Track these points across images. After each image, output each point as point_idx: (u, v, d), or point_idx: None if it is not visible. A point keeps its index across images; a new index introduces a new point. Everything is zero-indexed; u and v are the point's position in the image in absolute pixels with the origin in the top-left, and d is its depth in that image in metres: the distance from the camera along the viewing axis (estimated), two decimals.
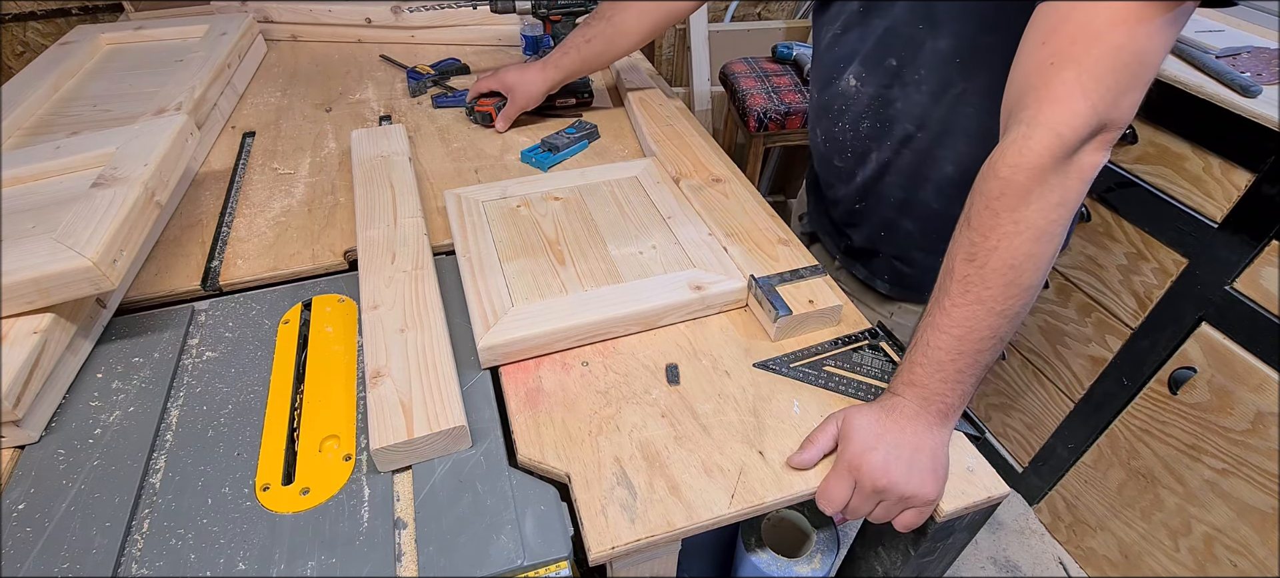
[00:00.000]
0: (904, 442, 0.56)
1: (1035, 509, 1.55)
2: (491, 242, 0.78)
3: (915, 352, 0.58)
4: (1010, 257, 0.53)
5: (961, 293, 0.55)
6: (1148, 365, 1.19)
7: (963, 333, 0.55)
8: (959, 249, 0.55)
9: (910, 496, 0.55)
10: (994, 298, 0.54)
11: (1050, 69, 0.50)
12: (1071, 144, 0.50)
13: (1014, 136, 0.52)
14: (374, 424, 0.56)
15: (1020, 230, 0.52)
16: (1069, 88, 0.49)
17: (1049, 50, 0.51)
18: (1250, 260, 1.01)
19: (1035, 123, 0.51)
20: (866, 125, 0.82)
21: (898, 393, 0.58)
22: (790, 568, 0.71)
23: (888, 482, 0.54)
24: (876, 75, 0.78)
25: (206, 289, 0.76)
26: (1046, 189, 0.52)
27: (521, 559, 0.51)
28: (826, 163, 0.92)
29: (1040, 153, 0.51)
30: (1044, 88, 0.51)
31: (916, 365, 0.57)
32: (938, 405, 0.56)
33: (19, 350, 0.58)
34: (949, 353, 0.55)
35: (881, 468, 0.54)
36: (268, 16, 1.37)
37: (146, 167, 0.73)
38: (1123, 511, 1.31)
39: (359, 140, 0.96)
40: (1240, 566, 1.12)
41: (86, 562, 0.50)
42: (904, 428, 0.56)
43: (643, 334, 0.71)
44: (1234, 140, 1.00)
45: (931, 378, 0.56)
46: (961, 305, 0.55)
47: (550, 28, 1.14)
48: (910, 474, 0.54)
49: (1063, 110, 0.50)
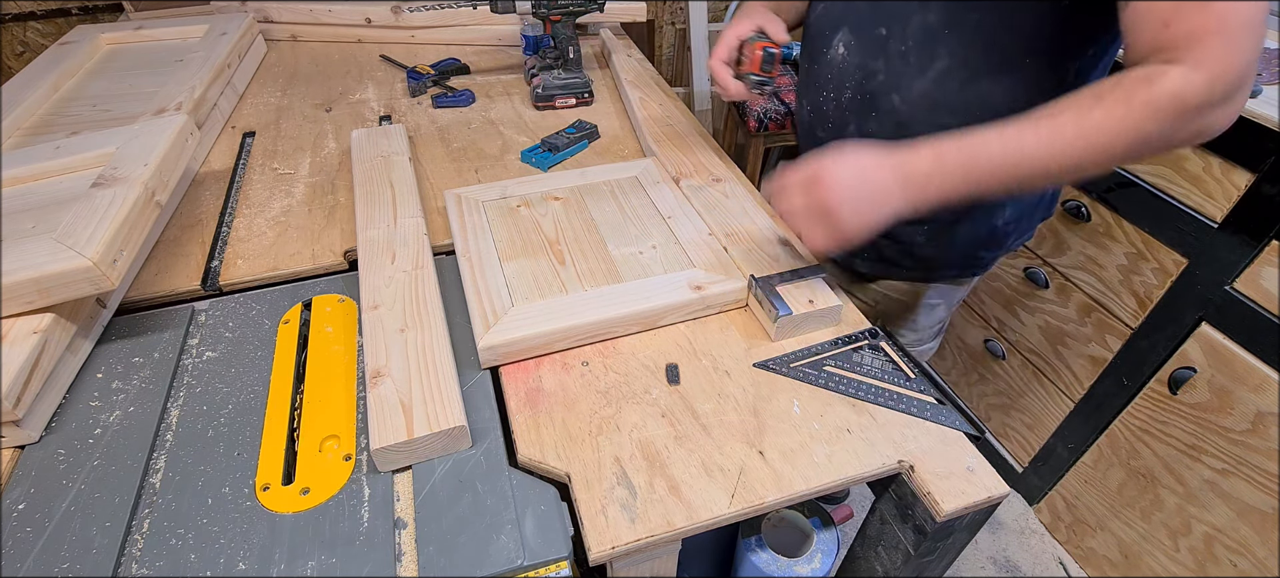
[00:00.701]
0: (872, 180, 0.61)
1: (1035, 509, 1.55)
2: (491, 242, 0.78)
3: (964, 142, 0.60)
4: (1110, 146, 0.56)
5: (1050, 138, 0.57)
6: (1148, 365, 1.19)
7: (1017, 163, 0.58)
8: (1073, 110, 0.57)
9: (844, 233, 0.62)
10: (1060, 160, 0.57)
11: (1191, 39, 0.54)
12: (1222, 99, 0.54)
13: (1178, 72, 0.54)
14: (374, 424, 0.56)
15: (1133, 137, 0.55)
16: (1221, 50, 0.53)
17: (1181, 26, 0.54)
18: (1250, 260, 1.01)
19: (1199, 68, 0.54)
20: (849, 95, 0.82)
21: (919, 150, 0.61)
22: (790, 568, 0.71)
23: (837, 212, 0.61)
24: (865, 44, 0.78)
25: (206, 289, 0.76)
26: (1179, 124, 0.55)
27: (521, 559, 0.51)
28: (810, 135, 0.92)
29: (1199, 93, 0.54)
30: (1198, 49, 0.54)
31: (957, 149, 0.60)
32: (934, 187, 0.61)
33: (19, 350, 0.58)
34: (993, 164, 0.59)
35: (837, 202, 0.61)
36: (268, 16, 1.38)
37: (146, 167, 0.73)
38: (1123, 511, 1.31)
39: (359, 140, 0.96)
40: (1240, 566, 1.12)
41: (86, 562, 0.50)
42: (883, 171, 0.61)
43: (643, 334, 0.71)
44: (1234, 140, 1.00)
45: (955, 170, 0.60)
46: (1037, 146, 0.57)
47: (550, 28, 1.14)
48: (853, 217, 0.61)
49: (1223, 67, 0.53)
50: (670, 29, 2.08)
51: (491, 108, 1.16)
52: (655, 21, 2.04)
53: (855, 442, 0.61)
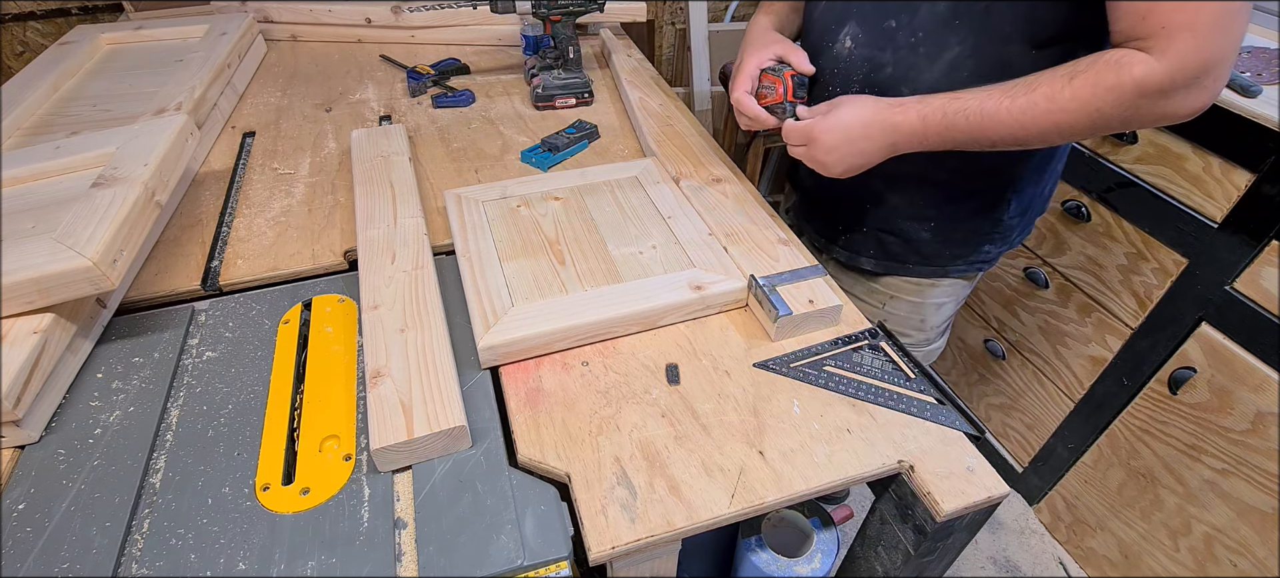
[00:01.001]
0: (860, 136, 0.73)
1: (1035, 509, 1.55)
2: (491, 242, 0.78)
3: (950, 104, 0.68)
4: (1076, 121, 0.63)
5: (1023, 110, 0.64)
6: (1148, 365, 1.19)
7: (990, 127, 0.66)
8: (1046, 87, 0.64)
9: (827, 168, 0.76)
10: (1029, 128, 0.65)
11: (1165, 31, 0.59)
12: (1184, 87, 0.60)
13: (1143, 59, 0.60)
14: (374, 424, 0.56)
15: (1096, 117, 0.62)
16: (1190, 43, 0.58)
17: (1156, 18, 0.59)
18: (1250, 260, 1.01)
19: (1163, 57, 0.59)
20: (856, 89, 0.82)
21: (905, 110, 0.70)
22: (790, 568, 0.71)
23: (825, 158, 0.75)
24: (872, 37, 0.79)
25: (206, 289, 0.76)
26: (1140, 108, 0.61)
27: (521, 559, 0.51)
28: None
29: (1160, 82, 0.59)
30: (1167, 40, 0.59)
31: (940, 111, 0.68)
32: (915, 142, 0.71)
33: (19, 350, 0.58)
34: (970, 126, 0.67)
35: (828, 147, 0.74)
36: (268, 16, 1.38)
37: (146, 167, 0.73)
38: (1123, 511, 1.31)
39: (359, 140, 0.96)
40: (1240, 566, 1.12)
41: (86, 562, 0.50)
42: (872, 128, 0.72)
43: (643, 334, 0.71)
44: (1234, 140, 1.00)
45: (935, 129, 0.69)
46: (1008, 115, 0.65)
47: (550, 28, 1.14)
48: (840, 160, 0.75)
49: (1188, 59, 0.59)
50: (670, 29, 2.08)
51: (491, 108, 1.16)
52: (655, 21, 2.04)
53: (855, 442, 0.61)
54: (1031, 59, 0.72)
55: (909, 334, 1.03)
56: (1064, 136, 0.65)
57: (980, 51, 0.73)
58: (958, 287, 0.97)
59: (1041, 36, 0.71)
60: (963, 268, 0.93)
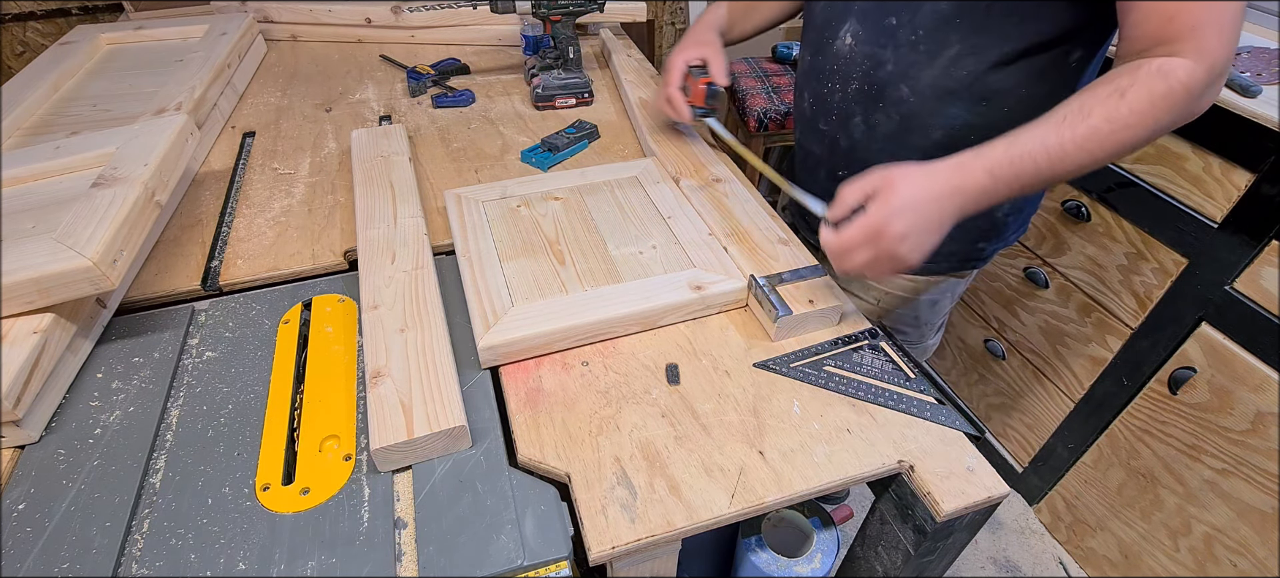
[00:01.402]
0: (934, 219, 0.62)
1: (1035, 509, 1.55)
2: (491, 242, 0.78)
3: (1012, 150, 0.62)
4: (1133, 136, 0.61)
5: (1085, 141, 0.61)
6: (1148, 365, 1.19)
7: (1058, 162, 0.62)
8: (1102, 107, 0.61)
9: (906, 265, 0.62)
10: (1096, 155, 0.62)
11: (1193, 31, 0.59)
12: (1216, 84, 0.61)
13: (1184, 64, 0.60)
14: (374, 424, 0.56)
15: (1156, 126, 0.61)
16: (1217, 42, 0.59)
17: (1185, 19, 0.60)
18: (1250, 260, 1.01)
19: (1201, 60, 0.60)
20: (855, 87, 0.82)
21: (970, 171, 0.63)
22: (790, 568, 0.71)
23: (900, 250, 0.61)
24: (873, 34, 0.79)
25: (206, 289, 0.76)
26: (1188, 107, 0.61)
27: (521, 559, 0.51)
28: (811, 128, 0.93)
29: (1202, 82, 0.60)
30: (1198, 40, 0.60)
31: (1007, 162, 0.62)
32: (985, 201, 0.63)
33: (19, 350, 0.58)
34: (1037, 168, 0.62)
35: (901, 235, 0.61)
36: (268, 16, 1.38)
37: (146, 167, 0.73)
38: (1123, 511, 1.31)
39: (359, 140, 0.96)
40: (1240, 566, 1.12)
41: (86, 562, 0.50)
42: (944, 205, 0.62)
43: (643, 334, 0.71)
44: (1234, 140, 1.00)
45: (1005, 179, 0.63)
46: (1076, 150, 0.61)
47: (550, 28, 1.14)
48: (916, 248, 0.62)
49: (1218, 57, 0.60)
50: (670, 29, 2.08)
51: (491, 108, 1.16)
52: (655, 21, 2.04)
53: (855, 442, 0.61)
54: (1031, 57, 0.73)
55: (905, 332, 1.03)
56: (1124, 154, 0.63)
57: (980, 50, 0.73)
58: (952, 283, 0.98)
59: (1042, 37, 0.71)
60: (957, 265, 0.94)
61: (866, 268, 0.63)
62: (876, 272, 0.64)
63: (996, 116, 0.77)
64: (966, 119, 0.78)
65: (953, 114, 0.78)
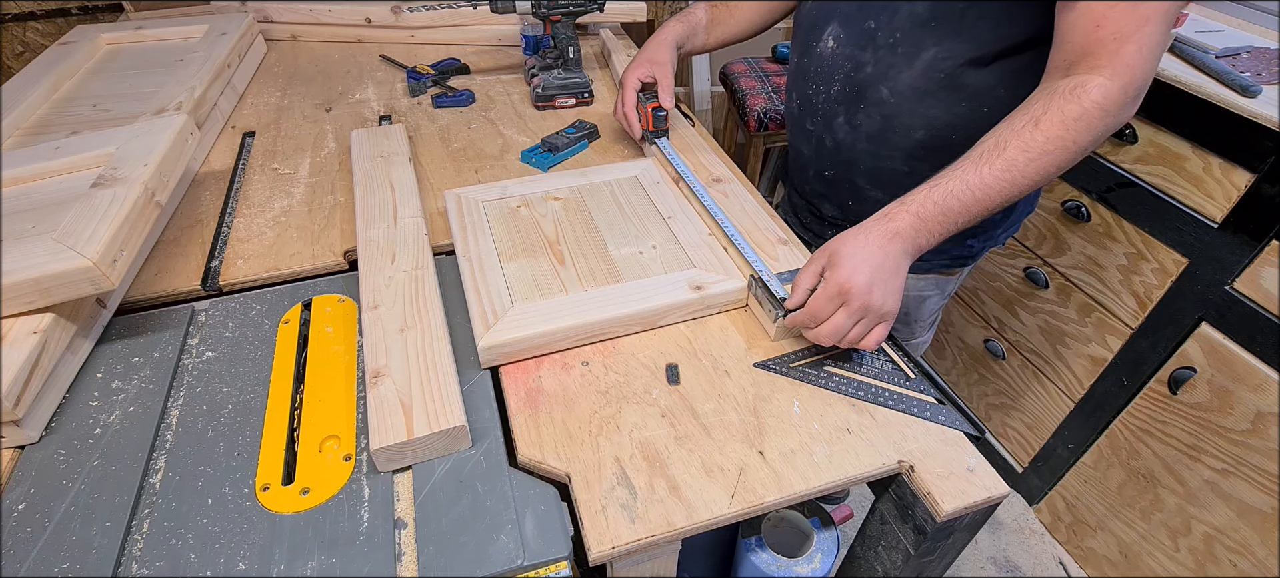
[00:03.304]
0: (886, 263, 0.63)
1: (1035, 509, 1.55)
2: (491, 242, 0.78)
3: (934, 191, 0.64)
4: (1053, 162, 0.63)
5: (1004, 171, 0.63)
6: (1148, 365, 1.19)
7: (982, 197, 0.64)
8: (1017, 139, 0.63)
9: (885, 312, 0.63)
10: (1017, 183, 0.64)
11: (1114, 42, 0.61)
12: (1132, 97, 0.63)
13: (1096, 82, 0.62)
14: (374, 424, 0.56)
15: (1074, 149, 0.63)
16: (1132, 57, 0.61)
17: (1107, 30, 0.61)
18: (1250, 260, 1.01)
19: (1115, 77, 0.62)
20: (838, 88, 0.84)
21: (896, 218, 0.65)
22: (790, 568, 0.71)
23: (871, 299, 0.61)
24: (854, 37, 0.80)
25: (206, 289, 0.76)
26: (1104, 126, 0.63)
27: (521, 559, 0.51)
28: (799, 127, 0.94)
29: (1116, 99, 0.62)
30: (1112, 54, 0.62)
31: (929, 202, 0.64)
32: (923, 239, 0.65)
33: (19, 350, 0.58)
34: (963, 203, 0.64)
35: (866, 287, 0.61)
36: (268, 16, 1.38)
37: (146, 167, 0.73)
38: (1123, 511, 1.31)
39: (359, 140, 0.96)
40: (1240, 566, 1.12)
41: (86, 562, 0.50)
42: (888, 249, 0.63)
43: (643, 334, 0.71)
44: (1234, 140, 1.00)
45: (934, 219, 0.64)
46: (998, 181, 0.64)
47: (550, 28, 1.14)
48: (887, 294, 0.62)
49: (1135, 73, 0.61)
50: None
51: (491, 108, 1.16)
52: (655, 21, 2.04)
53: (855, 442, 0.61)
54: (1007, 59, 0.74)
55: (898, 329, 1.04)
56: (1050, 178, 0.65)
57: (957, 52, 0.74)
58: (941, 280, 0.99)
59: (1018, 38, 0.72)
60: (945, 262, 0.95)
61: (852, 331, 0.63)
62: (862, 333, 0.63)
63: (977, 116, 0.78)
64: (947, 119, 0.79)
65: (933, 114, 0.79)
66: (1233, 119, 0.98)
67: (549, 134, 1.05)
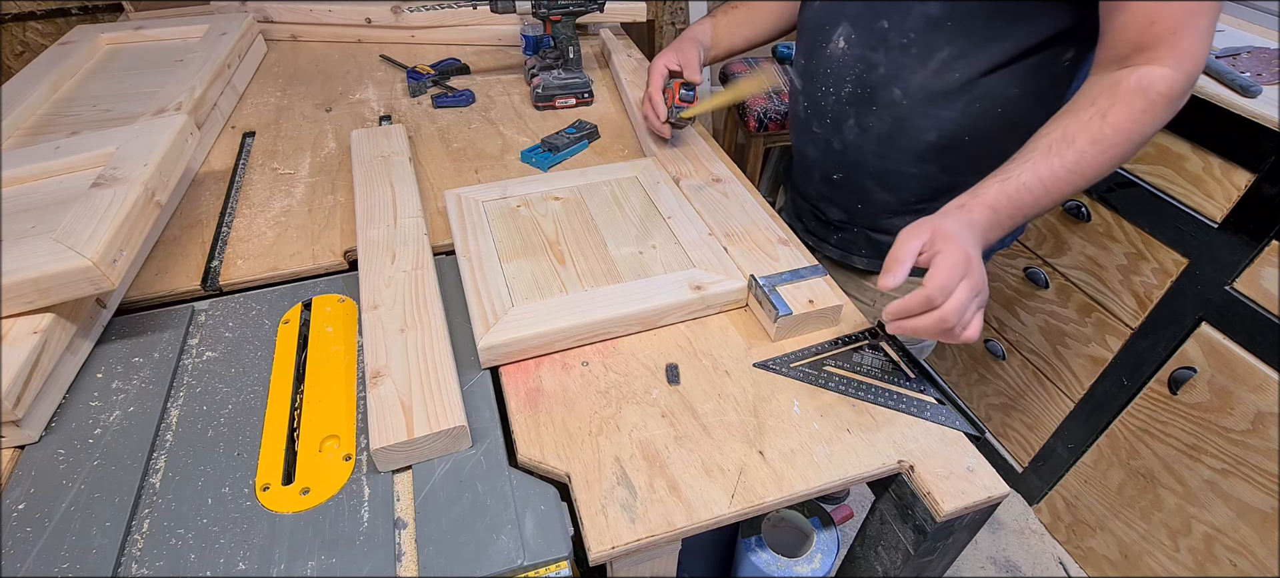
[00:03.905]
0: (978, 247, 0.62)
1: (1035, 509, 1.55)
2: (491, 242, 0.78)
3: (1007, 184, 0.64)
4: (1120, 152, 0.63)
5: (1074, 165, 0.63)
6: (1148, 365, 1.19)
7: (1053, 189, 0.64)
8: (1085, 131, 0.63)
9: (986, 298, 0.60)
10: (1086, 176, 0.64)
11: (1172, 34, 0.61)
12: (1191, 87, 0.62)
13: (1158, 73, 0.62)
14: (374, 424, 0.56)
15: (1140, 138, 0.63)
16: (1194, 46, 0.61)
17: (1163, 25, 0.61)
18: (1250, 260, 1.01)
19: (1180, 67, 0.61)
20: (849, 89, 0.83)
21: (973, 209, 0.63)
22: (790, 568, 0.71)
23: (981, 281, 0.58)
24: (865, 37, 0.79)
25: (206, 289, 0.76)
26: (1165, 115, 0.63)
27: (521, 559, 0.51)
28: (805, 130, 0.93)
29: (1181, 90, 0.62)
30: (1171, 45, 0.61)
31: (1003, 196, 0.63)
32: (994, 233, 0.64)
33: (19, 350, 0.58)
34: (1034, 196, 0.63)
35: (980, 266, 0.59)
36: (268, 16, 1.38)
37: (146, 167, 0.73)
38: (1123, 511, 1.31)
39: (359, 140, 0.96)
40: (1240, 566, 1.12)
41: (86, 562, 0.50)
42: (977, 237, 0.62)
43: (643, 334, 0.71)
44: (1234, 140, 1.00)
45: (1005, 211, 0.64)
46: (1065, 169, 0.63)
47: (550, 28, 1.14)
48: (985, 277, 0.60)
49: (1193, 63, 0.61)
50: (670, 29, 2.08)
51: (491, 108, 1.16)
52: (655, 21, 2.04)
53: (855, 442, 0.61)
54: (1022, 59, 0.73)
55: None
56: (1111, 170, 0.65)
57: (971, 53, 0.73)
58: None
59: (1033, 39, 0.71)
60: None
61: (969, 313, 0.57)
62: (975, 314, 0.58)
63: (990, 118, 0.77)
64: (959, 121, 0.78)
65: (945, 116, 0.78)
66: (1233, 119, 0.98)
67: (549, 134, 1.05)
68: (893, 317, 0.59)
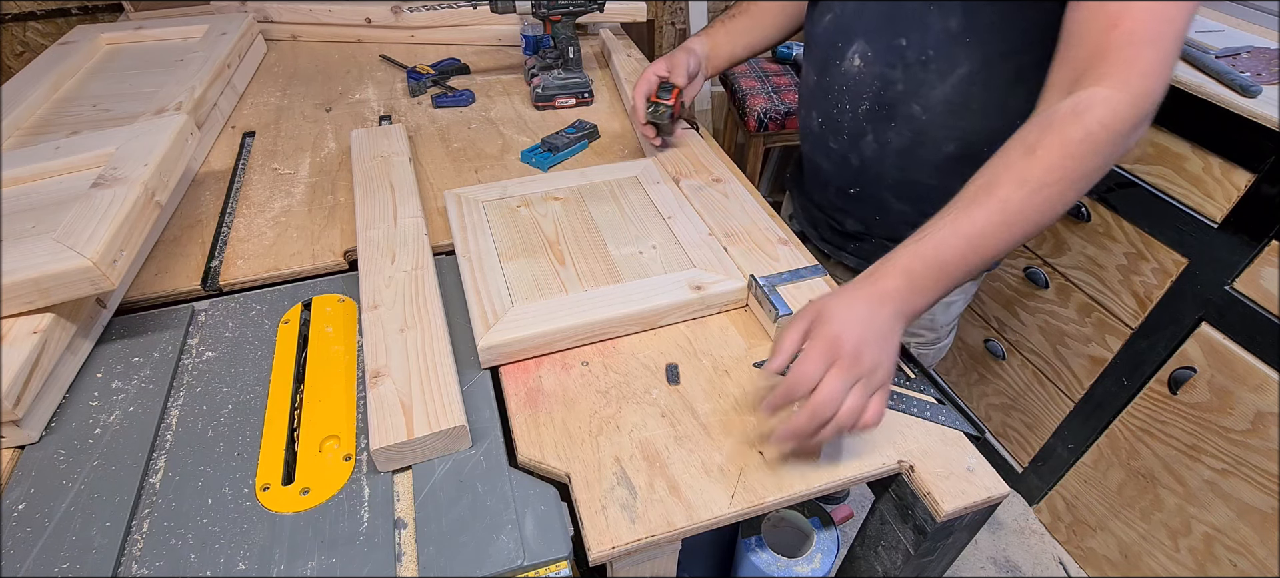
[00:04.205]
0: (877, 325, 0.54)
1: (1035, 509, 1.55)
2: (491, 242, 0.78)
3: (921, 246, 0.57)
4: (1056, 195, 0.55)
5: (998, 211, 0.55)
6: (1148, 365, 1.19)
7: (979, 244, 0.56)
8: (1010, 173, 0.56)
9: (878, 375, 0.54)
10: (1019, 223, 0.55)
11: (1132, 47, 0.53)
12: (1147, 114, 0.55)
13: (1101, 97, 0.54)
14: (374, 424, 0.56)
15: (1079, 178, 0.55)
16: (1152, 64, 0.53)
17: (1123, 32, 0.54)
18: (1250, 260, 1.01)
19: (1125, 89, 0.54)
20: (866, 106, 0.81)
21: (886, 277, 0.57)
22: (790, 568, 0.71)
23: (863, 358, 0.52)
24: (882, 54, 0.77)
25: (206, 289, 0.76)
26: (1113, 150, 0.55)
27: (521, 559, 0.51)
28: (820, 145, 0.91)
29: (1127, 118, 0.54)
30: (1129, 62, 0.54)
31: (917, 259, 0.56)
32: (918, 299, 0.57)
33: (19, 350, 0.58)
34: (958, 254, 0.56)
35: (857, 341, 0.52)
36: (268, 16, 1.38)
37: (146, 167, 0.73)
38: (1123, 511, 1.31)
39: (359, 140, 0.96)
40: (1240, 566, 1.12)
41: (86, 562, 0.50)
42: (878, 312, 0.55)
43: (643, 334, 0.71)
44: (1234, 140, 1.00)
45: (927, 274, 0.56)
46: (991, 222, 0.55)
47: (550, 28, 1.14)
48: (881, 357, 0.54)
49: (1150, 84, 0.54)
50: (670, 29, 2.08)
51: (491, 108, 1.16)
52: (655, 21, 2.04)
53: (855, 442, 0.61)
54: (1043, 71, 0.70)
55: (921, 334, 1.02)
56: (1056, 213, 0.57)
57: (991, 66, 0.72)
58: (966, 286, 0.97)
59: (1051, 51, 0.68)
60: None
61: (849, 399, 0.52)
62: (861, 401, 0.53)
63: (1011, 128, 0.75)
64: (979, 131, 0.77)
65: (966, 127, 0.77)
66: (1233, 119, 0.98)
67: (549, 134, 1.05)
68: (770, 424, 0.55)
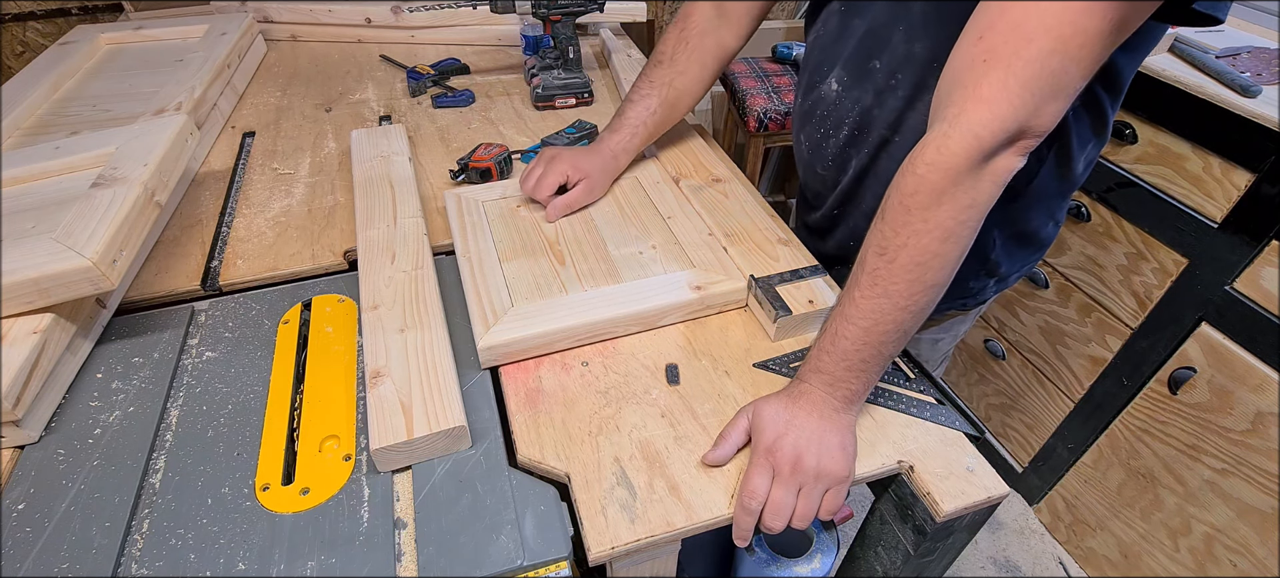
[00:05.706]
0: (810, 426, 0.56)
1: (1035, 509, 1.55)
2: (491, 242, 0.78)
3: (824, 339, 0.58)
4: (918, 254, 0.53)
5: (871, 286, 0.55)
6: (1148, 365, 1.19)
7: (870, 325, 0.56)
8: (871, 243, 0.56)
9: (824, 475, 0.56)
10: (900, 293, 0.54)
11: (981, 67, 0.49)
12: (989, 148, 0.50)
13: (934, 134, 0.52)
14: (374, 424, 0.56)
15: (929, 229, 0.52)
16: (995, 89, 0.49)
17: (983, 47, 0.50)
18: (1250, 260, 1.01)
19: (957, 122, 0.50)
20: (847, 133, 0.79)
21: (805, 379, 0.59)
22: (790, 568, 0.71)
23: (802, 465, 0.55)
24: (858, 80, 0.76)
25: (206, 289, 0.76)
26: (958, 191, 0.51)
27: (521, 559, 0.51)
28: (810, 170, 0.89)
29: (957, 154, 0.50)
30: (972, 86, 0.50)
31: (824, 354, 0.58)
32: (842, 392, 0.57)
33: (19, 350, 0.58)
34: (855, 343, 0.56)
35: (793, 452, 0.55)
36: (268, 16, 1.38)
37: (146, 167, 0.73)
38: (1122, 511, 1.31)
39: (359, 140, 0.96)
40: (1240, 566, 1.12)
41: (86, 562, 0.50)
42: (810, 413, 0.57)
43: (643, 334, 0.71)
44: (1234, 140, 1.00)
45: (837, 366, 0.57)
46: (870, 298, 0.55)
47: (550, 28, 1.14)
48: (821, 456, 0.55)
49: (985, 113, 0.49)
50: None
51: (491, 108, 1.16)
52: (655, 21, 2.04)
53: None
54: None
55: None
56: (934, 271, 0.54)
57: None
58: (954, 323, 0.94)
59: None
60: (958, 306, 0.90)
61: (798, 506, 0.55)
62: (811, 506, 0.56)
63: None
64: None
65: None
66: (1233, 119, 0.98)
67: (549, 134, 1.05)
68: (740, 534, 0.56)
